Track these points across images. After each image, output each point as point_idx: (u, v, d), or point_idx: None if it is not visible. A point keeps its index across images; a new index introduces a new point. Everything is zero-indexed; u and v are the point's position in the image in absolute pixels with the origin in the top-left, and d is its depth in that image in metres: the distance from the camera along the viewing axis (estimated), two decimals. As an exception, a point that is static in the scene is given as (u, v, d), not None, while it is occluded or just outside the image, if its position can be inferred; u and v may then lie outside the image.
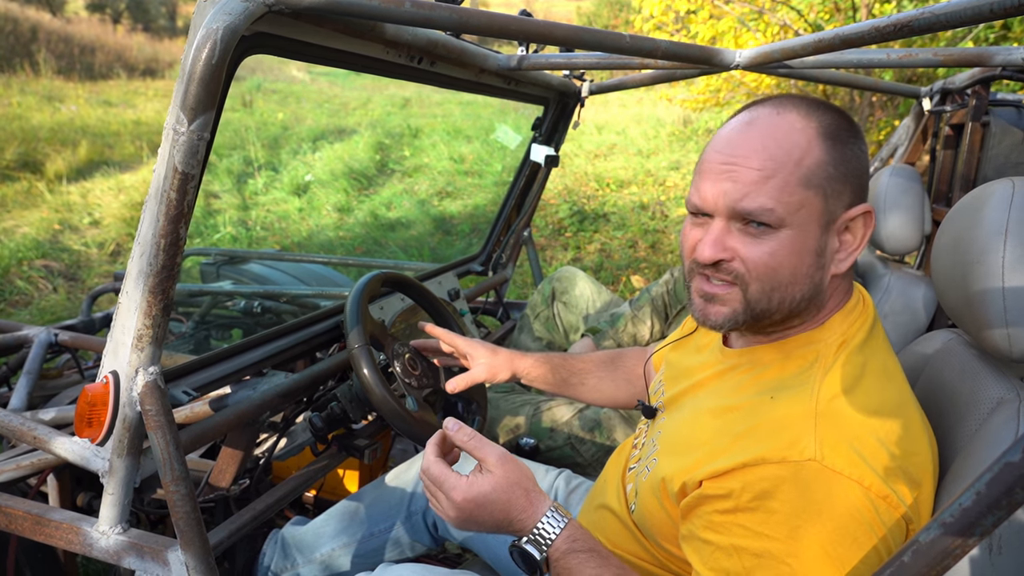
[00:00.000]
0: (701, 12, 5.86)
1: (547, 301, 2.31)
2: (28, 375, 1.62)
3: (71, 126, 8.12)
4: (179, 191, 0.86)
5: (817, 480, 0.72)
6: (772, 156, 0.80)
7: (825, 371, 0.81)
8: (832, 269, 0.84)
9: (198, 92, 0.82)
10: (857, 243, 0.84)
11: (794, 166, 0.79)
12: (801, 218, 0.80)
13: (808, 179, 0.79)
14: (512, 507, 0.87)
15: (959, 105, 1.83)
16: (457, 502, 0.87)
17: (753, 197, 0.79)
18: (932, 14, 0.92)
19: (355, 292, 1.34)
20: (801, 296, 0.83)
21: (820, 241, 0.81)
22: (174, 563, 0.99)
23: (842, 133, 0.82)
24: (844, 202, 0.82)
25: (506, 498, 0.87)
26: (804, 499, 0.72)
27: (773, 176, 0.79)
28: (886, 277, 1.73)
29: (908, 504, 0.74)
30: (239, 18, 0.81)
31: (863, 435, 0.75)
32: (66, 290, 4.41)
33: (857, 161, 0.83)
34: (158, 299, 0.91)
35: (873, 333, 0.87)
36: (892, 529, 0.73)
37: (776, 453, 0.75)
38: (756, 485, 0.75)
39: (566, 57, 1.54)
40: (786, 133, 0.81)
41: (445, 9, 0.97)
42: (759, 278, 0.82)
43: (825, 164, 0.80)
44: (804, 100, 0.85)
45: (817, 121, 0.82)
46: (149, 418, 0.93)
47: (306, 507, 1.89)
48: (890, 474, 0.74)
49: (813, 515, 0.72)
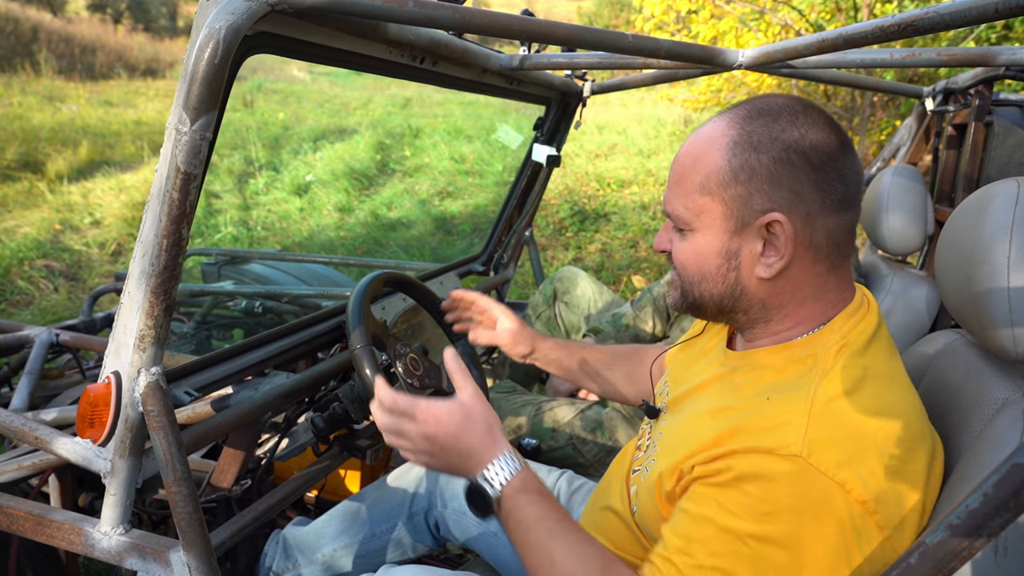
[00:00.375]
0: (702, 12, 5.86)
1: (548, 301, 2.31)
2: (30, 375, 1.62)
3: (72, 126, 8.13)
4: (181, 191, 0.85)
5: (798, 476, 0.73)
6: (683, 164, 0.88)
7: (823, 374, 0.81)
8: (757, 273, 0.84)
9: (200, 92, 0.81)
10: (782, 251, 0.82)
11: (694, 173, 0.86)
12: (704, 222, 0.86)
13: (703, 186, 0.85)
14: (476, 439, 0.89)
15: (962, 105, 1.82)
16: (428, 422, 0.89)
17: (668, 201, 0.90)
18: (936, 14, 0.92)
19: (357, 292, 1.34)
20: (720, 294, 0.88)
21: (729, 243, 0.85)
22: (176, 564, 0.99)
23: (760, 143, 0.82)
24: (755, 208, 0.82)
25: (472, 428, 0.89)
26: (781, 490, 0.73)
27: (680, 183, 0.87)
28: (889, 277, 1.73)
29: (888, 513, 0.74)
30: (242, 18, 0.81)
31: (854, 439, 0.75)
32: (67, 290, 4.41)
33: (769, 170, 0.81)
34: (160, 299, 0.91)
35: (877, 336, 0.87)
36: (864, 537, 0.73)
37: (764, 444, 0.76)
38: (738, 467, 0.76)
39: (568, 57, 1.54)
40: (700, 142, 0.86)
41: (448, 9, 0.97)
42: (680, 272, 0.92)
43: (721, 172, 0.83)
44: (747, 109, 0.85)
45: (737, 131, 0.84)
46: (151, 419, 0.93)
47: (307, 507, 1.89)
48: (875, 483, 0.74)
49: (785, 507, 0.73)
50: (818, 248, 0.83)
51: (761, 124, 0.83)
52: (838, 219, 0.83)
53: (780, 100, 0.85)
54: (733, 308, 0.89)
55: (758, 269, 0.84)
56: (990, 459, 0.77)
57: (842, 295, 0.88)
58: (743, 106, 0.86)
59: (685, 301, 0.93)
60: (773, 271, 0.83)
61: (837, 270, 0.86)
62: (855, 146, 0.90)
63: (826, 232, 0.83)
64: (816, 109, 0.85)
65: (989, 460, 0.77)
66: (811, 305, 0.86)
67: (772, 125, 0.82)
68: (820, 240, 0.83)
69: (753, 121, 0.83)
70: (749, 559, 0.74)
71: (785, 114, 0.83)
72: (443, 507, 1.39)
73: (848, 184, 0.83)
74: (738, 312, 0.89)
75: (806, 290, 0.86)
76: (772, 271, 0.83)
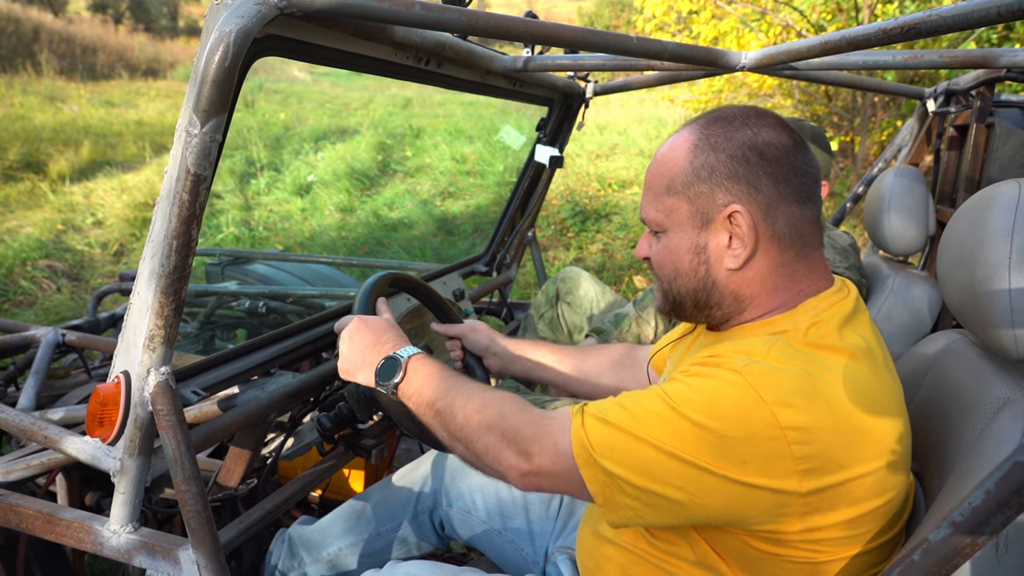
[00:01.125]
0: (704, 12, 5.87)
1: (551, 301, 2.32)
2: (36, 375, 1.63)
3: (73, 126, 8.15)
4: (191, 193, 0.86)
5: (732, 385, 0.77)
6: (652, 172, 0.95)
7: (787, 337, 0.84)
8: (726, 265, 0.89)
9: (211, 94, 0.82)
10: (745, 241, 0.87)
11: (661, 177, 0.93)
12: (673, 221, 0.92)
13: (670, 187, 0.92)
14: (390, 332, 1.11)
15: (963, 106, 1.83)
16: (355, 321, 1.13)
17: (643, 208, 0.97)
18: (939, 16, 0.93)
19: (363, 292, 1.35)
20: (695, 289, 0.93)
21: (698, 239, 0.91)
22: (185, 562, 1.00)
23: (717, 143, 0.89)
24: (717, 202, 0.88)
25: (388, 327, 1.13)
26: (713, 389, 0.78)
27: (650, 189, 0.95)
28: (890, 278, 1.73)
29: (814, 459, 0.74)
30: (252, 21, 0.82)
31: (796, 383, 0.76)
32: (70, 290, 4.42)
33: (727, 166, 0.88)
34: (170, 300, 0.92)
35: (851, 320, 0.87)
36: (770, 458, 0.74)
37: (714, 361, 0.82)
38: (691, 370, 0.83)
39: (572, 58, 1.55)
40: (666, 150, 0.94)
41: (454, 11, 0.98)
42: (658, 274, 0.98)
43: (684, 172, 0.90)
44: (706, 118, 0.93)
45: (697, 135, 0.91)
46: (161, 418, 0.94)
47: (312, 507, 1.90)
48: (815, 425, 0.74)
49: (708, 410, 0.76)
50: (782, 237, 0.88)
51: (718, 127, 0.90)
52: (798, 209, 0.88)
53: (736, 108, 0.93)
54: (707, 302, 0.93)
55: (726, 261, 0.89)
56: (993, 457, 0.78)
57: (816, 283, 0.90)
58: (703, 116, 0.94)
59: (666, 301, 0.98)
60: (740, 261, 0.88)
61: (806, 259, 0.90)
62: (856, 147, 0.93)
63: (787, 222, 0.87)
64: (769, 114, 0.92)
65: (992, 458, 0.78)
66: (783, 293, 0.89)
67: (727, 127, 0.90)
68: (783, 230, 0.88)
69: (711, 126, 0.91)
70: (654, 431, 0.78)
71: (739, 118, 0.90)
72: (448, 506, 1.40)
73: (804, 178, 0.89)
74: (712, 306, 0.93)
75: (775, 279, 0.89)
76: (739, 261, 0.88)
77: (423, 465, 1.47)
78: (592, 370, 1.40)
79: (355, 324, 1.12)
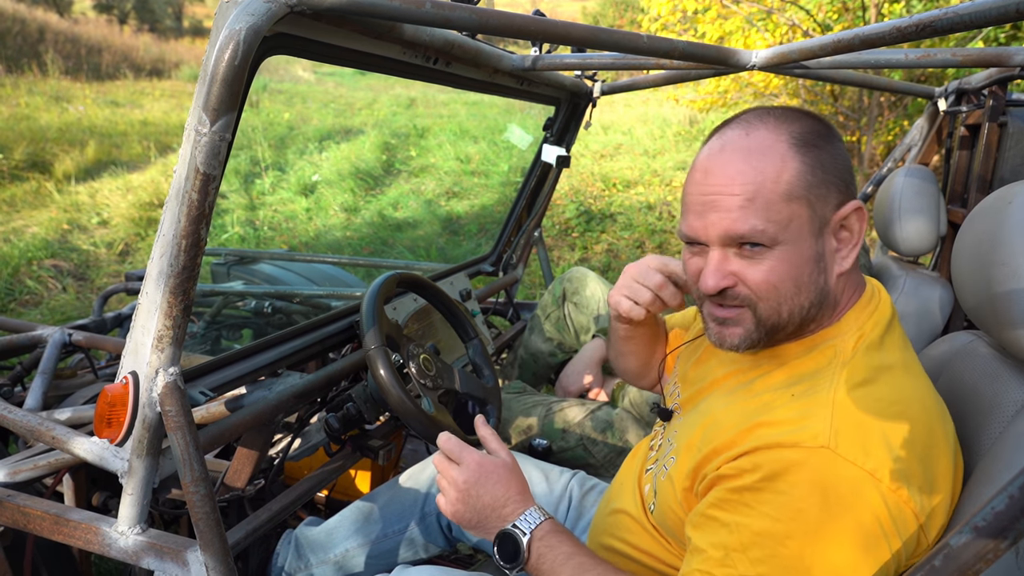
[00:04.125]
0: (709, 12, 5.85)
1: (558, 302, 2.31)
2: (43, 375, 1.62)
3: (79, 126, 8.16)
4: (200, 192, 0.86)
5: (828, 467, 0.73)
6: (750, 179, 0.81)
7: (843, 366, 0.82)
8: (836, 269, 0.86)
9: (220, 93, 0.81)
10: (855, 239, 0.86)
11: (773, 184, 0.81)
12: (792, 231, 0.82)
13: (790, 193, 0.81)
14: (511, 488, 0.97)
15: (975, 106, 1.81)
16: (471, 465, 0.98)
17: (742, 221, 0.81)
18: (956, 14, 0.91)
19: (371, 293, 1.34)
20: (810, 303, 0.85)
21: (816, 247, 0.83)
22: (193, 563, 0.99)
23: (814, 138, 0.83)
24: (832, 204, 0.84)
25: (509, 477, 0.98)
26: (812, 484, 0.73)
27: (755, 198, 0.81)
28: (901, 278, 1.72)
29: (920, 500, 0.74)
30: (262, 19, 0.81)
31: (880, 428, 0.75)
32: (75, 290, 4.43)
33: (835, 161, 0.84)
34: (179, 300, 0.91)
35: (891, 328, 0.88)
36: (899, 524, 0.73)
37: (790, 439, 0.76)
38: (767, 466, 0.75)
39: (580, 57, 1.54)
40: (759, 152, 0.83)
41: (464, 10, 0.97)
42: (765, 297, 0.84)
43: (803, 174, 0.82)
44: (771, 113, 0.86)
45: (787, 132, 0.83)
46: (169, 419, 0.93)
47: (318, 507, 1.89)
48: (904, 469, 0.74)
49: (819, 501, 0.72)
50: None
51: (799, 125, 0.84)
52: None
53: (780, 108, 0.89)
54: (817, 312, 0.86)
55: (838, 265, 0.86)
56: (1013, 460, 0.77)
57: (857, 288, 0.90)
58: (761, 115, 0.86)
59: (762, 329, 0.85)
60: (850, 261, 0.85)
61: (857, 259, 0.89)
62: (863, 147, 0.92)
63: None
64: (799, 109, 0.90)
65: (1012, 461, 0.76)
66: (848, 292, 0.88)
67: (806, 121, 0.85)
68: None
69: (791, 123, 0.84)
70: (791, 559, 0.73)
71: (801, 115, 0.86)
72: (456, 507, 1.39)
73: None
74: (821, 314, 0.86)
75: (853, 276, 0.88)
76: (849, 262, 0.85)
77: (431, 467, 1.47)
78: None
79: (473, 470, 0.97)
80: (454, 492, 0.98)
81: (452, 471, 0.99)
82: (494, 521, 0.95)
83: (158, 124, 8.91)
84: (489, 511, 0.96)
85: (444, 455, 1.01)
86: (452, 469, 0.99)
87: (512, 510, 0.95)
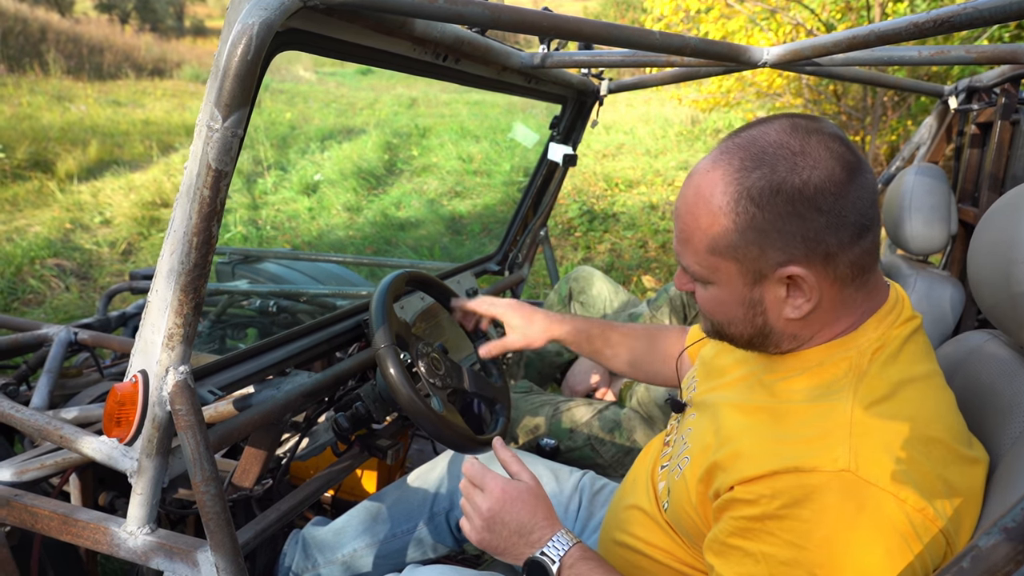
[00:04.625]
0: (712, 11, 5.83)
1: (564, 301, 2.30)
2: (49, 374, 1.61)
3: (81, 126, 8.17)
4: (212, 188, 0.85)
5: (851, 491, 0.71)
6: (686, 223, 0.84)
7: (860, 378, 0.79)
8: (785, 314, 0.83)
9: (233, 88, 0.80)
10: (808, 297, 0.80)
11: (702, 234, 0.82)
12: (721, 276, 0.84)
13: (713, 247, 0.82)
14: (537, 514, 0.95)
15: (986, 103, 1.80)
16: (496, 493, 0.96)
17: (681, 256, 0.88)
18: (975, 9, 0.90)
19: (380, 291, 1.33)
20: (749, 335, 0.87)
21: (751, 294, 0.83)
22: (203, 564, 0.98)
23: (762, 198, 0.77)
24: (770, 262, 0.79)
25: (535, 503, 0.96)
26: (836, 510, 0.71)
27: (688, 241, 0.85)
28: (911, 278, 1.71)
29: (947, 517, 0.72)
30: (275, 13, 0.80)
31: (901, 446, 0.73)
32: (78, 289, 4.42)
33: (777, 225, 0.77)
34: (190, 297, 0.90)
35: (912, 338, 0.86)
36: (928, 543, 0.71)
37: (809, 462, 0.73)
38: (787, 493, 0.73)
39: (590, 54, 1.53)
40: (700, 200, 0.82)
41: (477, 5, 0.96)
42: (705, 315, 0.91)
43: (729, 233, 0.80)
44: (740, 157, 0.79)
45: (736, 187, 0.78)
46: (179, 418, 0.92)
47: (324, 507, 1.88)
48: (928, 486, 0.72)
49: (845, 526, 0.71)
50: (843, 279, 0.81)
51: (759, 176, 0.77)
52: (859, 248, 0.79)
53: (772, 135, 0.79)
54: (764, 344, 0.88)
55: (786, 311, 0.83)
56: (1037, 461, 0.75)
57: (874, 300, 0.86)
58: (736, 151, 0.80)
59: (716, 334, 0.93)
60: (802, 312, 0.82)
61: (866, 283, 0.84)
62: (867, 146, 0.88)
63: (848, 263, 0.80)
64: (814, 135, 0.79)
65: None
66: (844, 321, 0.85)
67: (771, 176, 0.77)
68: (844, 272, 0.80)
69: (751, 173, 0.78)
70: None
71: (782, 158, 0.77)
72: (465, 507, 1.38)
73: (863, 211, 0.78)
74: (768, 344, 0.88)
75: (837, 312, 0.84)
76: (801, 312, 0.82)
77: (439, 466, 1.46)
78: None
79: (496, 497, 0.96)
80: (479, 520, 0.96)
81: (476, 497, 0.97)
82: (521, 548, 0.94)
83: (160, 124, 8.91)
84: (516, 538, 0.94)
85: (468, 479, 1.00)
86: (476, 495, 0.97)
87: (539, 536, 0.93)
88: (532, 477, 1.00)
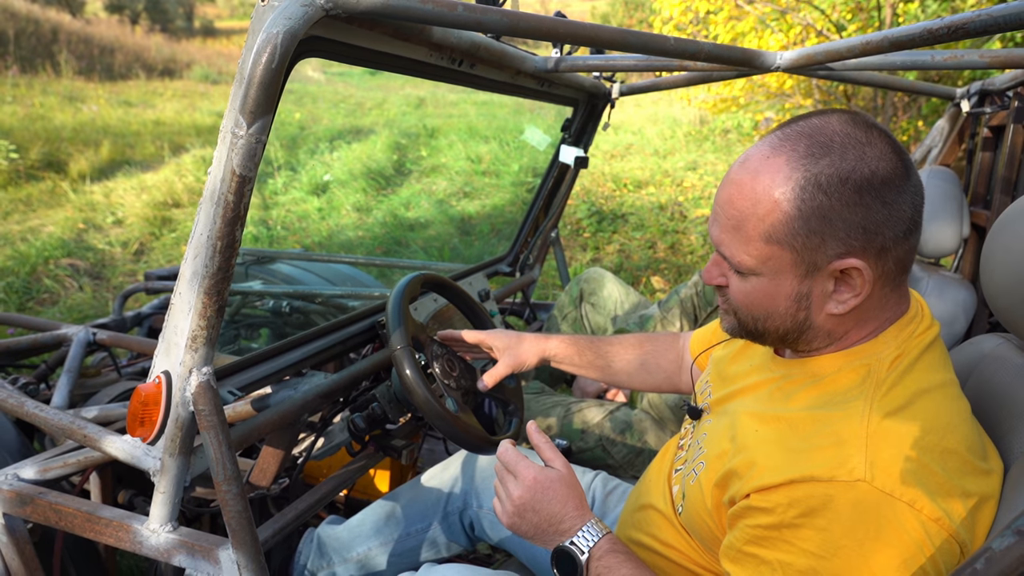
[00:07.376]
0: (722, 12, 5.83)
1: (575, 302, 2.31)
2: (69, 373, 1.64)
3: (93, 126, 8.23)
4: (236, 194, 0.87)
5: (866, 501, 0.72)
6: (739, 208, 0.82)
7: (877, 386, 0.80)
8: (828, 309, 0.83)
9: (258, 96, 0.82)
10: (857, 291, 0.80)
11: (756, 220, 0.80)
12: (770, 268, 0.82)
13: (770, 235, 0.80)
14: (568, 504, 0.96)
15: (999, 107, 1.80)
16: (528, 481, 0.96)
17: (726, 246, 0.85)
18: (989, 16, 0.91)
19: (396, 293, 1.35)
20: (785, 330, 0.86)
21: (800, 287, 0.82)
22: (225, 561, 1.00)
23: (830, 185, 0.76)
24: (828, 253, 0.79)
25: (567, 493, 0.96)
26: (852, 520, 0.72)
27: (740, 228, 0.82)
28: (923, 280, 1.71)
29: (963, 527, 0.73)
30: (298, 22, 0.82)
31: (917, 456, 0.74)
32: (92, 288, 4.46)
33: (851, 214, 0.77)
34: (213, 300, 0.92)
35: (931, 348, 0.86)
36: (943, 551, 0.72)
37: (825, 471, 0.74)
38: (803, 502, 0.74)
39: (603, 59, 1.54)
40: (763, 183, 0.79)
41: (496, 12, 0.97)
42: (739, 309, 0.89)
43: (791, 220, 0.78)
44: (806, 144, 0.79)
45: (802, 172, 0.77)
46: (202, 418, 0.94)
47: (337, 506, 1.90)
48: (943, 496, 0.73)
49: (861, 536, 0.71)
50: (888, 275, 0.81)
51: (828, 164, 0.77)
52: (908, 244, 0.81)
53: (836, 125, 0.79)
54: (797, 339, 0.87)
55: (829, 306, 0.82)
56: (1050, 465, 0.76)
57: (899, 307, 0.87)
58: (799, 139, 0.79)
59: (743, 330, 0.91)
60: (847, 307, 0.82)
61: (900, 285, 0.85)
62: None
63: (896, 259, 0.81)
64: (876, 130, 0.80)
65: (1049, 466, 0.76)
66: (871, 323, 0.85)
67: (840, 163, 0.76)
68: (890, 268, 0.81)
69: (818, 160, 0.77)
70: None
71: (851, 147, 0.77)
72: (478, 507, 1.40)
73: (915, 207, 0.80)
74: (800, 341, 0.87)
75: (872, 311, 0.84)
76: (846, 307, 0.82)
77: (453, 466, 1.47)
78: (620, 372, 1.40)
79: (528, 485, 0.96)
80: (510, 506, 0.97)
81: (509, 483, 0.98)
82: (552, 536, 0.95)
83: (171, 124, 8.97)
84: (546, 525, 0.95)
85: (502, 464, 1.01)
86: (509, 481, 0.98)
87: (569, 526, 0.94)
88: (565, 464, 1.00)
